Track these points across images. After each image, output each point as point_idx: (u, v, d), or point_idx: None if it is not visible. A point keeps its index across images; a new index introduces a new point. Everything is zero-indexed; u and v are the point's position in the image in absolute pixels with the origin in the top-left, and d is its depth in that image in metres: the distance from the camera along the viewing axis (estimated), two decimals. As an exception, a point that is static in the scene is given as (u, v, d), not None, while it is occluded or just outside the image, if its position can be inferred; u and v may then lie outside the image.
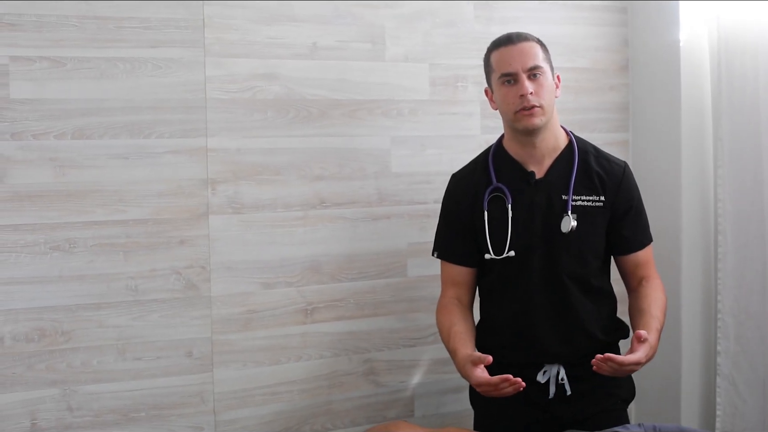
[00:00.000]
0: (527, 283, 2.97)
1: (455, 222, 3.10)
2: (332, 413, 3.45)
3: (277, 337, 3.33)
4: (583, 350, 2.92)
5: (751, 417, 3.53)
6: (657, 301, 2.92)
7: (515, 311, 3.00)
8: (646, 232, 3.06)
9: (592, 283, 2.98)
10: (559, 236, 2.92)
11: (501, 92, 2.92)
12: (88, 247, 3.01)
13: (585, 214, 2.94)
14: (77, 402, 3.03)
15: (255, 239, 3.26)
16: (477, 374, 2.73)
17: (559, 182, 2.96)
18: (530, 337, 2.97)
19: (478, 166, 3.10)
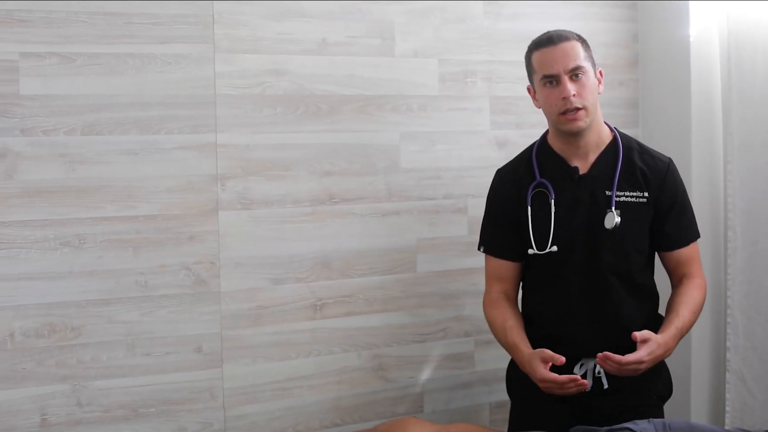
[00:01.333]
0: (569, 278, 2.98)
1: (500, 217, 3.11)
2: (341, 409, 3.45)
3: (287, 333, 3.33)
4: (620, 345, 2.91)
5: (760, 413, 3.53)
6: (689, 300, 2.93)
7: (556, 306, 3.01)
8: (692, 229, 3.06)
9: (634, 279, 2.98)
10: (603, 232, 2.93)
11: (543, 93, 2.92)
12: (98, 243, 3.02)
13: (629, 210, 2.94)
14: (87, 397, 3.04)
15: (264, 235, 3.26)
16: (543, 372, 2.78)
17: (602, 178, 2.97)
18: (569, 331, 2.98)
19: (523, 161, 3.10)
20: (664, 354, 2.76)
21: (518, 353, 2.93)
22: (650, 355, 2.70)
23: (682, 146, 3.68)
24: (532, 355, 2.85)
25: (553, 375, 2.76)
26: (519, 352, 2.92)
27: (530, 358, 2.85)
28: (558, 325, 3.00)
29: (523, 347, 2.91)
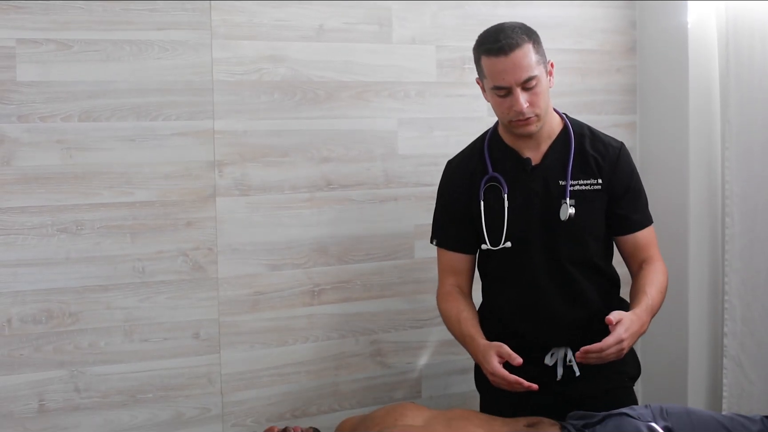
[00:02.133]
0: (529, 271, 2.95)
1: (451, 209, 3.07)
2: (339, 394, 3.46)
3: (284, 319, 3.34)
4: (589, 331, 2.91)
5: (757, 398, 3.54)
6: (655, 281, 2.88)
7: (520, 299, 2.98)
8: (646, 213, 3.01)
9: (595, 266, 2.96)
10: (558, 223, 2.89)
11: (494, 100, 2.86)
12: (95, 229, 3.02)
13: (583, 199, 2.90)
14: (85, 383, 3.05)
15: (262, 221, 3.27)
16: (495, 365, 2.74)
17: (556, 168, 2.93)
18: (537, 322, 2.96)
19: (475, 153, 3.06)
20: (641, 329, 2.73)
21: (473, 344, 2.88)
22: (627, 331, 2.67)
23: (680, 132, 3.68)
24: (487, 347, 2.81)
25: (503, 372, 2.72)
26: (474, 342, 2.88)
27: (485, 349, 2.81)
28: (524, 319, 2.99)
29: (478, 338, 2.87)
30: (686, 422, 2.74)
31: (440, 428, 2.63)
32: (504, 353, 2.76)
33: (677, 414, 2.77)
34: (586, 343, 2.86)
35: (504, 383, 2.74)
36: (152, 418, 3.15)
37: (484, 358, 2.81)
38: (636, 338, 2.72)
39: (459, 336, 2.98)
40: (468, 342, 2.92)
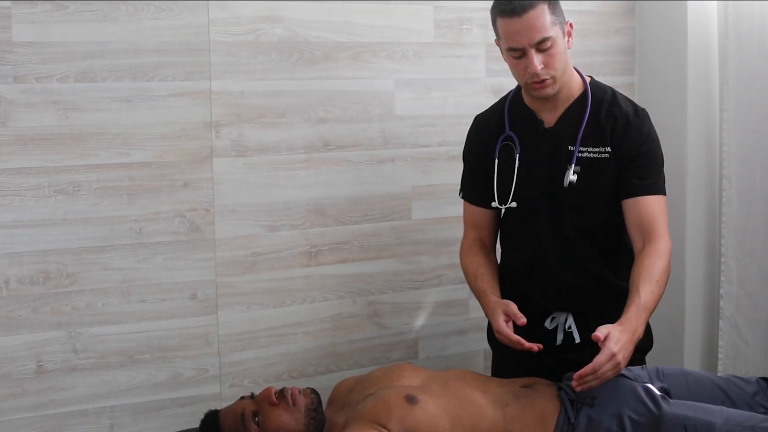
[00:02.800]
0: (533, 234, 2.95)
1: (473, 164, 3.09)
2: (336, 355, 3.47)
3: (282, 280, 3.34)
4: (593, 300, 2.91)
5: (753, 360, 3.55)
6: (649, 272, 2.75)
7: (527, 258, 3.00)
8: (656, 183, 2.89)
9: (598, 235, 2.93)
10: (562, 189, 2.89)
11: (510, 62, 2.84)
12: (92, 190, 3.01)
13: (590, 167, 2.87)
14: (82, 344, 3.05)
15: (259, 182, 3.26)
16: (501, 324, 2.77)
17: (567, 132, 2.90)
18: (538, 285, 2.98)
19: (497, 110, 3.06)
20: (634, 335, 2.61)
21: (484, 299, 2.92)
22: (618, 344, 2.55)
23: (678, 94, 3.67)
24: (496, 304, 2.84)
25: (506, 330, 2.75)
26: (485, 298, 2.91)
27: (494, 306, 2.84)
28: (527, 280, 3.00)
29: (491, 295, 2.91)
30: (682, 383, 2.75)
31: (437, 389, 2.64)
32: (510, 312, 2.78)
33: (673, 375, 2.79)
34: (588, 310, 2.85)
35: (507, 341, 2.75)
36: (150, 379, 3.16)
37: (491, 315, 2.84)
38: (632, 345, 2.60)
39: (474, 290, 3.02)
40: (481, 297, 2.95)
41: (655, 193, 2.87)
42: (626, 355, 2.56)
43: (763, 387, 2.73)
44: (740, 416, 2.52)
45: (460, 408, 2.56)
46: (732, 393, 2.72)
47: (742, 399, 2.70)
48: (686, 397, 2.68)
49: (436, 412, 2.54)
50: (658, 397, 2.58)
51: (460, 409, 2.56)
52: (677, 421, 2.49)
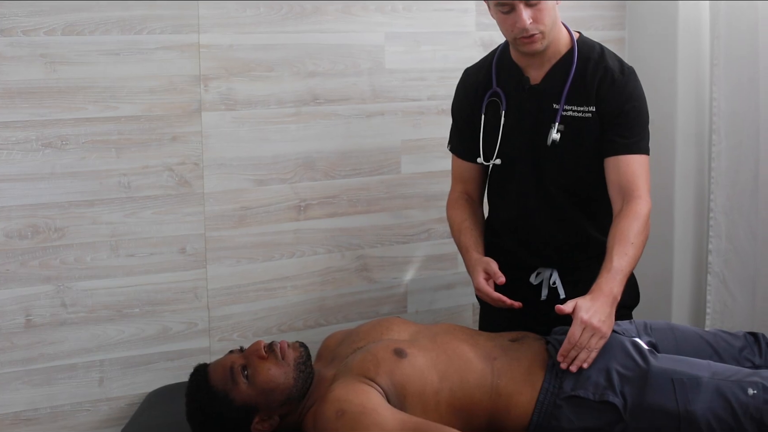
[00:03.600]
0: (520, 190, 2.95)
1: (460, 119, 3.08)
2: (325, 309, 3.48)
3: (271, 234, 3.34)
4: (578, 256, 2.91)
5: (740, 314, 3.56)
6: (622, 236, 2.70)
7: (512, 215, 3.00)
8: (638, 142, 2.85)
9: (581, 194, 2.92)
10: (545, 147, 2.87)
11: (498, 17, 2.80)
12: (80, 144, 3.00)
13: (574, 126, 2.85)
14: (71, 298, 3.05)
15: (248, 136, 3.25)
16: (480, 281, 2.78)
17: (553, 90, 2.88)
18: (523, 242, 2.98)
19: (485, 65, 3.03)
20: (609, 298, 2.58)
21: (467, 256, 2.92)
22: (589, 311, 2.53)
23: (668, 49, 3.66)
24: (477, 262, 2.84)
25: (486, 288, 2.76)
26: (467, 254, 2.92)
27: (475, 263, 2.84)
28: (511, 237, 3.01)
29: (473, 251, 2.90)
30: (670, 338, 2.76)
31: (426, 342, 2.65)
32: (490, 270, 2.77)
33: (661, 330, 2.79)
34: (572, 266, 2.86)
35: (487, 299, 2.76)
36: (139, 333, 3.17)
37: (472, 273, 2.85)
38: (608, 308, 2.57)
39: (458, 245, 3.02)
40: (463, 253, 2.96)
41: (637, 152, 2.83)
42: (602, 318, 2.54)
43: (750, 342, 2.75)
44: (727, 371, 2.53)
45: (448, 362, 2.57)
46: (719, 348, 2.73)
47: (729, 354, 2.71)
48: (674, 351, 2.68)
49: (425, 365, 2.54)
50: (646, 351, 2.58)
51: (448, 362, 2.57)
52: (664, 375, 2.49)
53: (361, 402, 2.40)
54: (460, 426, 2.42)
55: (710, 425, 2.43)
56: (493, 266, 2.78)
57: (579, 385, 2.51)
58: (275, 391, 2.51)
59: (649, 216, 2.77)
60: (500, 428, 2.52)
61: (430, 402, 2.50)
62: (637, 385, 2.50)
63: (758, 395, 2.44)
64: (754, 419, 2.43)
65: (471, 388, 2.54)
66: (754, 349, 2.73)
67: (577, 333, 2.52)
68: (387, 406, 2.42)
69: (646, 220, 2.75)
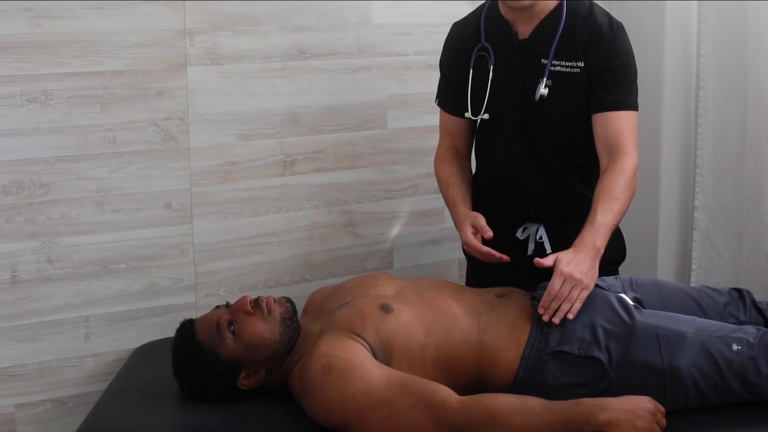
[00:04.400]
0: (507, 146, 2.94)
1: (448, 74, 3.06)
2: (311, 265, 3.48)
3: (256, 189, 3.33)
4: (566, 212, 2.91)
5: (725, 271, 3.58)
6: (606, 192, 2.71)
7: (499, 170, 3.00)
8: (626, 98, 2.84)
9: (572, 149, 2.93)
10: (533, 103, 2.87)
11: None
12: (65, 99, 2.98)
13: (562, 81, 2.84)
14: (57, 254, 3.04)
15: (233, 91, 3.23)
16: (468, 236, 2.78)
17: (541, 45, 2.86)
18: (510, 198, 2.99)
19: (473, 20, 3.01)
20: (591, 250, 2.60)
21: (455, 211, 2.92)
22: (570, 264, 2.55)
23: (656, 5, 3.64)
24: (465, 216, 2.85)
25: (475, 242, 2.76)
26: (455, 209, 2.92)
27: (463, 218, 2.85)
28: (498, 192, 3.02)
29: (460, 206, 2.91)
30: (655, 293, 2.77)
31: (412, 298, 2.65)
32: (478, 225, 2.78)
33: (646, 285, 2.80)
34: (559, 222, 2.86)
35: (475, 253, 2.76)
36: (125, 289, 3.16)
37: (459, 227, 2.85)
38: (591, 260, 2.59)
39: (445, 199, 3.02)
40: (451, 207, 2.96)
41: (624, 109, 2.83)
42: (584, 270, 2.55)
43: (735, 298, 2.76)
44: (712, 326, 2.55)
45: (434, 317, 2.57)
46: (704, 303, 2.74)
47: (714, 309, 2.73)
48: (659, 307, 2.69)
49: (411, 320, 2.55)
50: (631, 307, 2.59)
51: (434, 318, 2.57)
52: (650, 330, 2.50)
53: (347, 357, 2.41)
54: (446, 381, 2.43)
55: (695, 381, 2.45)
56: (480, 221, 2.79)
57: (564, 340, 2.52)
58: (261, 347, 2.51)
59: (635, 171, 2.78)
60: (486, 383, 2.53)
61: (416, 357, 2.51)
62: (622, 341, 2.51)
63: (742, 351, 2.46)
64: (739, 375, 2.45)
65: (457, 343, 2.54)
66: (738, 305, 2.74)
67: (557, 285, 2.53)
68: (373, 361, 2.43)
69: (632, 176, 2.76)
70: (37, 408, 3.11)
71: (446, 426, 2.29)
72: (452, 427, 2.28)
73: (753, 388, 2.46)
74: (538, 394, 2.40)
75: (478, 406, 2.29)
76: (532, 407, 2.28)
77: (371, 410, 2.33)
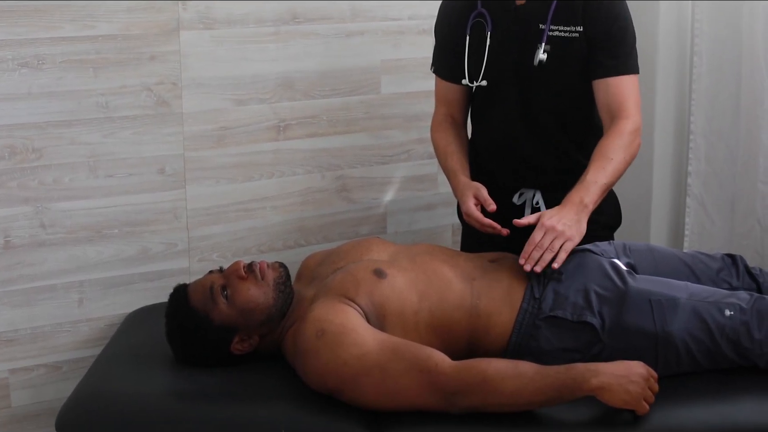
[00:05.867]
0: (505, 112, 2.94)
1: (444, 40, 3.04)
2: (305, 230, 3.48)
3: (250, 154, 3.32)
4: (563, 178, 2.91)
5: (718, 237, 3.58)
6: (604, 152, 2.73)
7: (496, 137, 3.00)
8: (626, 62, 2.84)
9: (569, 117, 2.92)
10: (532, 68, 2.85)
11: None
12: (57, 64, 2.96)
13: (561, 46, 2.83)
14: (50, 219, 3.03)
15: (227, 55, 3.22)
16: (470, 206, 2.76)
17: (539, 10, 2.84)
18: (507, 164, 2.99)
19: None
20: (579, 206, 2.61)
21: (455, 180, 2.92)
22: (552, 218, 2.57)
23: (651, -31, 3.64)
24: (466, 186, 2.83)
25: (477, 214, 2.74)
26: (455, 179, 2.91)
27: (464, 188, 2.84)
28: (495, 159, 3.01)
29: (461, 175, 2.90)
30: (648, 259, 2.77)
31: (405, 263, 2.65)
32: (481, 197, 2.77)
33: (640, 251, 2.80)
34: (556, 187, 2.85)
35: (477, 225, 2.76)
36: (118, 254, 3.16)
37: (461, 197, 2.84)
38: (576, 215, 2.60)
39: (444, 168, 3.02)
40: (451, 176, 2.95)
41: (625, 73, 2.83)
42: (568, 223, 2.57)
43: (728, 263, 2.76)
44: (704, 292, 2.55)
45: (427, 282, 2.58)
46: (697, 269, 2.74)
47: (707, 275, 2.73)
48: (652, 272, 2.70)
49: (404, 286, 2.55)
50: (624, 272, 2.60)
51: (427, 283, 2.58)
52: (642, 295, 2.51)
53: (341, 322, 2.41)
54: (440, 346, 2.43)
55: (687, 346, 2.45)
56: (483, 192, 2.77)
57: (557, 305, 2.53)
58: (255, 311, 2.52)
59: (635, 133, 2.78)
60: (480, 348, 2.53)
61: (409, 322, 2.52)
62: (615, 306, 2.51)
63: (735, 316, 2.46)
64: (731, 340, 2.46)
65: (450, 308, 2.55)
66: (731, 271, 2.75)
67: (538, 236, 2.55)
68: (367, 326, 2.43)
69: (631, 137, 2.77)
70: (30, 373, 3.11)
71: (439, 390, 2.30)
72: (445, 391, 2.29)
73: (745, 353, 2.47)
74: (531, 358, 2.41)
75: (471, 371, 2.29)
76: (525, 372, 2.28)
77: (365, 375, 2.33)
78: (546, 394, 2.26)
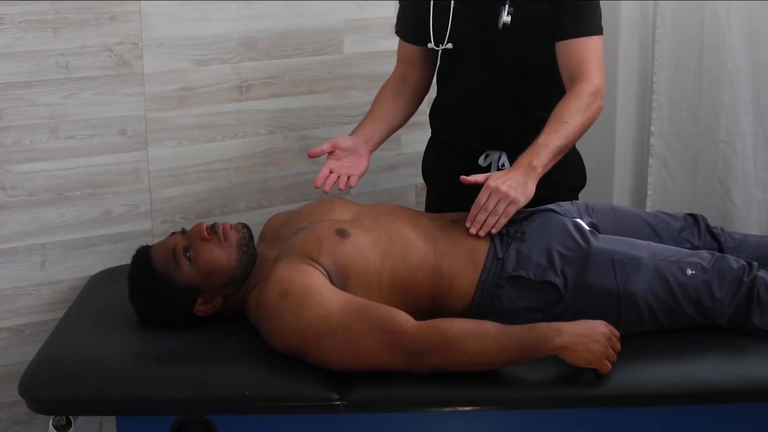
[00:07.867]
0: (471, 74, 2.94)
1: (407, 2, 3.04)
2: (268, 190, 3.47)
3: (212, 115, 3.30)
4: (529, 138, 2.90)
5: (681, 196, 3.61)
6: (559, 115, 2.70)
7: (458, 101, 3.00)
8: (588, 23, 2.83)
9: (535, 79, 2.92)
10: (496, 31, 2.84)
11: None
12: (16, 24, 2.92)
13: (524, 8, 2.82)
14: (11, 181, 3.00)
15: (188, 15, 3.19)
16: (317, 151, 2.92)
17: None
18: (472, 126, 2.99)
19: None
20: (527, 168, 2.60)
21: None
22: (497, 179, 2.57)
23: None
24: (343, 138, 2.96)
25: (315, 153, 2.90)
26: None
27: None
28: (460, 121, 3.03)
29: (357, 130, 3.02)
30: (611, 219, 2.79)
31: (368, 223, 2.65)
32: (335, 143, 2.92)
33: (602, 211, 2.82)
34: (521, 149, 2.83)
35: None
36: (80, 216, 3.14)
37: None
38: (524, 177, 2.59)
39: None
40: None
41: (587, 35, 2.82)
42: (513, 185, 2.56)
43: (690, 223, 2.78)
44: (666, 251, 2.57)
45: (390, 242, 2.58)
46: (659, 228, 2.76)
47: (669, 234, 2.75)
48: (615, 232, 2.71)
49: (367, 246, 2.55)
50: (587, 231, 2.61)
51: (390, 243, 2.58)
52: (605, 255, 2.52)
53: (304, 282, 2.41)
54: (403, 306, 2.44)
55: (649, 305, 2.47)
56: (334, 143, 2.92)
57: (520, 265, 2.54)
58: (218, 273, 2.51)
59: (595, 95, 2.76)
60: (443, 308, 2.54)
61: (372, 282, 2.52)
62: (577, 266, 2.53)
63: (696, 276, 2.48)
64: (692, 299, 2.48)
65: (413, 268, 2.55)
66: (693, 231, 2.77)
67: (482, 199, 2.56)
68: (330, 287, 2.44)
69: (590, 99, 2.75)
70: (-8, 336, 3.11)
71: (403, 350, 2.30)
72: (409, 351, 2.30)
73: (706, 313, 2.49)
74: (495, 318, 2.43)
75: (434, 331, 2.30)
76: (488, 331, 2.29)
77: (328, 336, 2.34)
78: (509, 353, 2.27)
